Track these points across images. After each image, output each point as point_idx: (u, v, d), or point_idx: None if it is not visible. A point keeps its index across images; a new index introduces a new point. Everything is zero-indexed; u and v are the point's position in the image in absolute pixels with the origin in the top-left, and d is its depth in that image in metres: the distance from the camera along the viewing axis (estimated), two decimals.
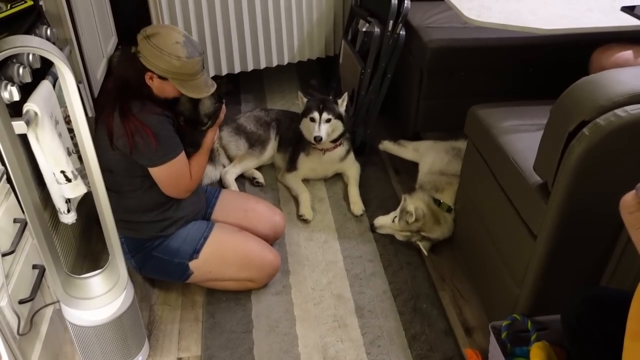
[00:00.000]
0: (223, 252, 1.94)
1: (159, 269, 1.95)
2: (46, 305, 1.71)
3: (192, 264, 1.91)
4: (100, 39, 2.43)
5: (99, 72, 2.31)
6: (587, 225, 1.52)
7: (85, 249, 2.12)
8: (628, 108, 1.34)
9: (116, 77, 1.84)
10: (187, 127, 1.84)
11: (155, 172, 1.75)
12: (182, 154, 1.77)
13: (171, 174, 1.77)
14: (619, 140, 1.35)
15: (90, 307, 1.57)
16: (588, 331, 1.31)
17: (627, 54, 1.93)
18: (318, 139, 2.44)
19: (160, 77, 1.66)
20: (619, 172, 1.42)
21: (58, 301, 1.64)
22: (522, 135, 1.78)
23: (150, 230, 1.88)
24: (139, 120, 1.66)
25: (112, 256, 1.59)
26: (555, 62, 2.51)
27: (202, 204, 2.03)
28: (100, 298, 1.58)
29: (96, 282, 1.59)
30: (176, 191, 1.84)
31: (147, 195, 1.81)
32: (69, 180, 1.67)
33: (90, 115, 2.13)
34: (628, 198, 1.16)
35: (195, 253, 1.90)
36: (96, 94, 2.23)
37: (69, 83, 1.34)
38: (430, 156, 2.48)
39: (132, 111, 1.67)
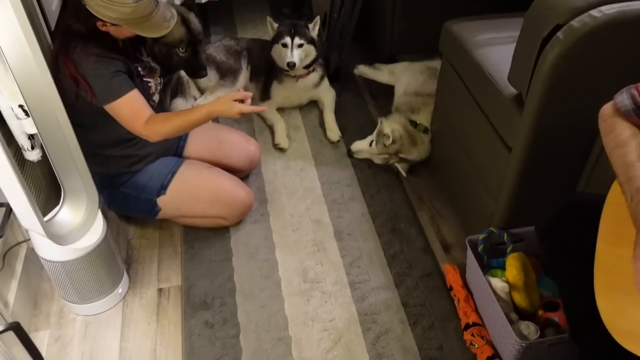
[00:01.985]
0: (191, 188, 1.89)
1: (127, 205, 1.91)
2: (18, 244, 1.68)
3: (160, 200, 1.86)
4: None
5: (53, 4, 2.17)
6: (562, 134, 1.50)
7: (57, 188, 2.07)
8: (603, 8, 1.30)
9: (60, 23, 1.74)
10: (188, 53, 1.81)
11: (107, 109, 1.66)
12: (128, 97, 1.63)
13: (119, 115, 1.66)
14: (594, 42, 1.32)
15: (67, 241, 1.54)
16: (562, 237, 1.32)
17: None
18: (292, 65, 2.37)
19: (113, 24, 1.56)
20: (593, 78, 1.39)
21: (29, 239, 1.62)
22: (497, 48, 1.74)
23: (117, 165, 1.83)
24: (74, 64, 1.59)
25: (69, 185, 1.53)
26: None
27: (172, 140, 1.96)
28: (77, 229, 1.55)
29: (64, 216, 1.56)
30: (136, 131, 1.69)
31: (111, 130, 1.74)
32: (28, 114, 1.60)
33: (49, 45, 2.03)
34: (606, 107, 1.17)
35: (162, 189, 1.85)
36: (52, 26, 2.10)
37: None
38: (405, 77, 2.43)
39: (71, 54, 1.59)
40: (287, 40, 2.38)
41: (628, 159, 1.09)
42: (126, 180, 1.85)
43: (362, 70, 2.70)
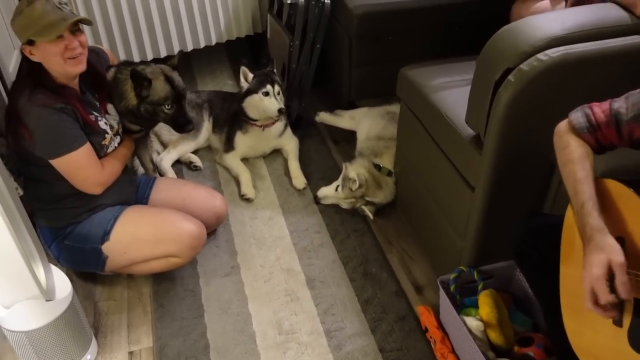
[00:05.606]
0: (134, 229, 1.82)
1: (74, 258, 1.84)
2: None
3: (105, 247, 1.79)
4: (9, 30, 2.27)
5: (11, 65, 2.16)
6: (521, 169, 1.56)
7: None
8: (549, 52, 1.37)
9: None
10: (174, 109, 1.89)
11: (54, 164, 1.66)
12: (82, 149, 1.66)
13: (68, 168, 1.68)
14: (543, 83, 1.39)
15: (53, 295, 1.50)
16: (528, 255, 1.39)
17: (545, 3, 1.98)
18: (282, 111, 2.41)
19: (28, 44, 1.58)
20: (545, 114, 1.44)
21: None
22: (453, 91, 1.81)
23: (63, 217, 1.78)
24: (20, 116, 1.59)
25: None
26: (481, 19, 2.53)
27: (126, 195, 1.92)
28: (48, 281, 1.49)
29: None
30: (82, 185, 1.73)
31: (58, 185, 1.72)
32: None
33: None
34: (562, 124, 1.26)
35: (106, 235, 1.79)
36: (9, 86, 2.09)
37: None
38: (366, 123, 2.49)
39: (17, 105, 1.60)
40: (269, 88, 2.41)
41: (579, 175, 1.17)
42: (69, 232, 1.79)
43: (324, 117, 2.75)
